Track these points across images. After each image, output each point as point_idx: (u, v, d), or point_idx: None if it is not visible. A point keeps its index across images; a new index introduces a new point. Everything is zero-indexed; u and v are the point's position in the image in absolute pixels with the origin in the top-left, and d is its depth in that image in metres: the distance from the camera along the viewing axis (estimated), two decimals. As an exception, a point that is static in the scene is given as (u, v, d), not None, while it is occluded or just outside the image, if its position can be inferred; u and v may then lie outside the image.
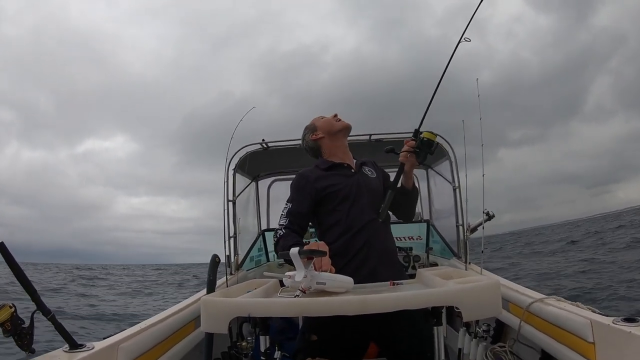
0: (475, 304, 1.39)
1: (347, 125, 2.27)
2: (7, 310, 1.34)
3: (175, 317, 2.25)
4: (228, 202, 3.65)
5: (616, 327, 1.48)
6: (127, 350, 1.73)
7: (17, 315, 1.36)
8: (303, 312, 1.42)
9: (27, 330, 1.39)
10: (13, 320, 1.35)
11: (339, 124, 2.26)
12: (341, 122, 2.26)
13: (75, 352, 1.54)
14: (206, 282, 2.49)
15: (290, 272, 1.60)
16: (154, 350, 1.96)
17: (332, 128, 2.25)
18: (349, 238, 2.03)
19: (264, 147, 4.01)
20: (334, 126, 2.25)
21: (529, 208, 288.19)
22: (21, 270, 1.40)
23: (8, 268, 1.40)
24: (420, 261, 4.42)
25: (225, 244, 3.35)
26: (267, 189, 5.02)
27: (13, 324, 1.35)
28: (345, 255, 2.01)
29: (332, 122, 2.26)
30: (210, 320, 1.49)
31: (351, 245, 2.02)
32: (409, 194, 2.22)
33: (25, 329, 1.38)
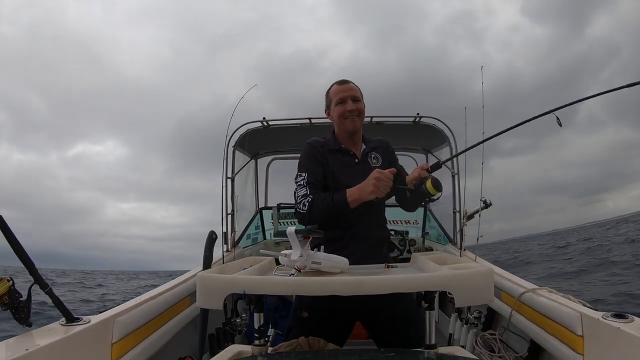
0: (468, 290, 1.40)
1: (353, 128, 2.14)
2: (4, 283, 1.34)
3: (171, 292, 2.27)
4: (227, 179, 3.65)
5: (606, 322, 1.50)
6: (122, 324, 1.75)
7: (14, 288, 1.36)
8: (297, 291, 1.43)
9: (24, 303, 1.39)
10: (10, 293, 1.35)
11: (347, 124, 2.13)
12: (350, 123, 2.12)
13: (71, 325, 1.56)
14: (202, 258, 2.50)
15: (286, 250, 1.61)
16: (150, 324, 1.99)
17: (340, 125, 2.16)
18: (343, 225, 2.02)
19: (264, 125, 3.99)
20: (342, 124, 2.14)
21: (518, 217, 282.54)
22: (19, 244, 1.40)
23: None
24: (415, 245, 4.45)
25: (223, 221, 3.36)
26: (266, 167, 5.02)
27: (10, 297, 1.35)
28: (339, 241, 2.01)
29: (341, 120, 2.14)
30: (206, 296, 1.50)
31: (344, 233, 2.03)
32: (411, 191, 2.04)
33: (22, 302, 1.39)
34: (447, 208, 4.01)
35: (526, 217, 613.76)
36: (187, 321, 2.41)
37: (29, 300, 1.41)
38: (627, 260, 13.72)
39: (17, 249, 1.40)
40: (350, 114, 2.10)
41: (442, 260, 1.84)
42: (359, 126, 2.16)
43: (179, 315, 2.30)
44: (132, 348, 1.81)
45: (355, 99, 2.13)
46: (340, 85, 2.16)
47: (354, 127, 2.13)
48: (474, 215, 3.22)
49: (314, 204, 1.94)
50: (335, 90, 2.16)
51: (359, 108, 2.13)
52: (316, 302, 1.77)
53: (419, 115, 3.87)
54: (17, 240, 1.40)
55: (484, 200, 3.04)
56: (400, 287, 1.45)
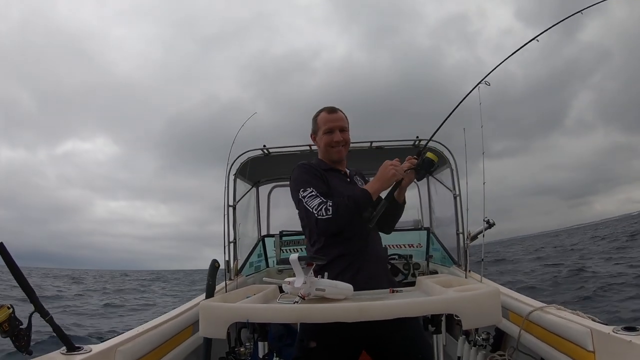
0: (475, 312, 1.39)
1: (338, 158, 2.23)
2: (4, 311, 1.33)
3: (174, 322, 2.25)
4: (228, 207, 3.65)
5: (616, 336, 1.47)
6: (124, 354, 1.72)
7: (14, 316, 1.36)
8: (302, 319, 1.42)
9: (24, 331, 1.38)
10: (11, 321, 1.34)
11: (333, 153, 2.21)
12: (336, 153, 2.21)
13: (72, 355, 1.54)
14: (205, 287, 2.48)
15: (289, 278, 1.60)
16: (152, 354, 1.96)
17: (325, 153, 2.23)
18: (345, 244, 2.02)
19: (265, 153, 4.01)
20: (328, 153, 2.22)
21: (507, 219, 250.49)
22: (20, 271, 1.40)
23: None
24: (420, 269, 4.41)
25: (225, 249, 3.35)
26: (267, 195, 5.03)
27: (11, 324, 1.34)
28: (343, 261, 2.00)
29: (327, 149, 2.21)
30: (209, 325, 1.49)
31: (347, 251, 2.02)
32: (398, 207, 2.23)
33: (22, 330, 1.38)
34: (449, 230, 4.00)
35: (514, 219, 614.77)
36: (189, 351, 2.37)
37: (29, 328, 1.40)
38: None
39: (18, 276, 1.40)
40: (337, 145, 2.17)
41: (448, 282, 1.82)
42: (344, 155, 2.25)
43: (181, 345, 2.27)
44: None
45: (342, 129, 2.20)
46: (329, 115, 2.21)
47: (340, 157, 2.22)
48: (478, 235, 3.20)
49: (339, 205, 1.95)
50: (324, 119, 2.21)
51: (346, 138, 2.21)
52: (322, 330, 1.75)
53: (419, 138, 3.89)
54: (18, 268, 1.39)
55: (487, 220, 3.02)
56: (406, 312, 1.43)
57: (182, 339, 2.30)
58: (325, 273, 1.63)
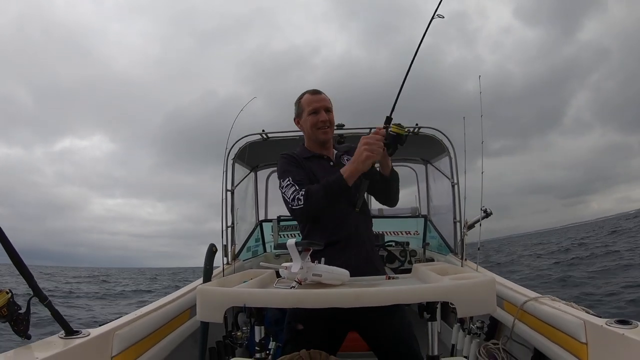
0: (470, 300, 1.39)
1: (325, 139, 2.17)
2: (3, 295, 1.34)
3: (171, 306, 2.26)
4: (226, 192, 3.65)
5: (609, 328, 1.49)
6: (122, 337, 1.74)
7: (13, 300, 1.36)
8: (298, 304, 1.42)
9: (23, 316, 1.39)
10: (9, 305, 1.34)
11: (319, 134, 2.15)
12: (321, 134, 2.16)
13: (71, 339, 1.55)
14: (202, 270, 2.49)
15: (286, 263, 1.60)
16: (150, 337, 1.97)
17: (311, 134, 2.18)
18: (332, 229, 2.01)
19: (263, 138, 4.00)
20: (314, 134, 2.16)
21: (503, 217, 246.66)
22: (19, 255, 1.40)
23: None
24: (416, 256, 4.43)
25: (223, 234, 3.36)
26: (265, 180, 5.03)
27: (9, 309, 1.34)
28: (331, 247, 1.97)
29: (314, 130, 2.15)
30: (206, 309, 1.49)
31: (335, 237, 2.01)
32: (388, 180, 2.13)
33: (21, 314, 1.38)
34: (447, 218, 4.01)
35: (511, 216, 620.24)
36: (187, 334, 2.39)
37: (28, 312, 1.40)
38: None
39: (16, 261, 1.40)
40: (323, 125, 2.13)
41: (444, 270, 1.82)
42: (331, 136, 2.20)
43: (179, 329, 2.29)
44: None
45: (327, 110, 2.15)
46: (313, 96, 2.17)
47: (326, 138, 2.17)
48: (475, 224, 3.22)
49: (310, 193, 1.92)
50: (308, 100, 2.17)
51: (331, 119, 2.17)
52: (310, 313, 1.75)
53: (418, 125, 3.88)
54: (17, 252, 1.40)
55: (484, 210, 3.03)
56: (402, 299, 1.44)
57: (180, 323, 2.32)
58: (322, 259, 1.62)
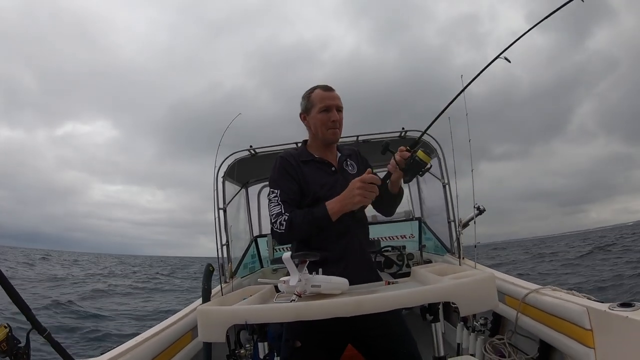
0: (472, 298, 1.39)
1: (333, 140, 2.07)
2: (2, 330, 1.32)
3: (172, 329, 2.24)
4: (219, 210, 3.63)
5: (613, 312, 1.49)
6: None
7: (12, 335, 1.34)
8: (300, 316, 1.40)
9: (23, 349, 1.37)
10: (9, 340, 1.32)
11: (329, 135, 2.05)
12: (331, 134, 2.05)
13: None
14: (201, 291, 2.48)
15: (284, 277, 1.59)
16: None
17: (319, 134, 2.07)
18: (324, 239, 1.96)
19: (252, 154, 4.00)
20: (322, 134, 2.06)
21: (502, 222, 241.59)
22: (14, 289, 1.38)
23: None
24: (414, 259, 4.44)
25: (218, 253, 3.34)
26: (257, 195, 5.02)
27: (9, 344, 1.32)
28: (329, 257, 1.92)
29: (322, 130, 2.05)
30: (208, 330, 1.48)
31: (331, 246, 1.96)
32: (393, 197, 2.10)
33: (21, 348, 1.36)
34: (441, 218, 4.02)
35: (510, 222, 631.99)
36: (191, 356, 2.37)
37: (27, 346, 1.38)
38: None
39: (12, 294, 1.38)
40: (334, 125, 2.03)
41: (443, 271, 1.82)
42: (337, 139, 2.09)
43: (182, 351, 2.27)
44: None
45: (339, 109, 2.05)
46: (326, 92, 2.05)
47: (335, 139, 2.07)
48: (469, 222, 3.23)
49: (293, 222, 1.87)
50: (319, 96, 2.05)
51: (341, 120, 2.07)
52: (306, 328, 1.73)
53: (404, 130, 3.90)
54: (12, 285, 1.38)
55: (477, 207, 3.05)
56: (403, 302, 1.43)
57: (182, 345, 2.29)
58: (320, 269, 1.61)
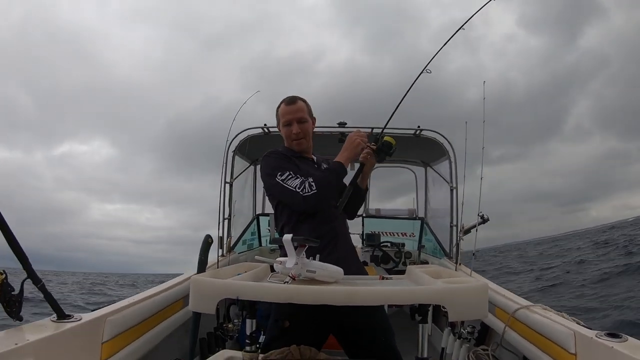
0: (462, 304, 1.39)
1: (300, 150, 2.22)
2: None
3: (164, 294, 2.26)
4: (225, 184, 3.65)
5: (599, 340, 1.49)
6: (114, 323, 1.74)
7: (7, 282, 1.35)
8: (291, 299, 1.41)
9: (16, 297, 1.38)
10: (3, 286, 1.34)
11: (294, 146, 2.22)
12: (296, 145, 2.21)
13: (62, 322, 1.55)
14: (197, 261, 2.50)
15: (281, 258, 1.60)
16: (141, 325, 1.97)
17: (288, 145, 2.24)
18: (316, 227, 2.03)
19: (265, 132, 3.99)
20: (289, 145, 2.23)
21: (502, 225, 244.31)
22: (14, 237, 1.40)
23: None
24: (411, 258, 4.44)
25: (219, 225, 3.36)
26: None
27: (2, 290, 1.34)
28: (322, 245, 1.99)
29: (289, 142, 2.22)
30: (199, 300, 1.49)
31: (319, 234, 2.00)
32: (360, 192, 2.28)
33: (14, 296, 1.38)
34: (444, 222, 4.01)
35: (510, 224, 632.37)
36: (179, 324, 2.39)
37: (21, 294, 1.40)
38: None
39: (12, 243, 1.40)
40: (296, 137, 2.18)
41: (437, 273, 1.83)
42: (305, 147, 2.23)
43: (171, 318, 2.29)
44: (122, 348, 1.80)
45: (300, 121, 2.18)
46: (287, 107, 2.18)
47: (300, 149, 2.22)
48: (471, 230, 3.22)
49: (319, 179, 1.99)
50: (282, 111, 2.20)
51: (304, 130, 2.18)
52: (296, 312, 1.76)
53: (420, 128, 3.87)
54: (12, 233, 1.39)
55: (481, 215, 3.03)
56: (395, 299, 1.44)
57: (172, 312, 2.32)
58: (317, 255, 1.63)
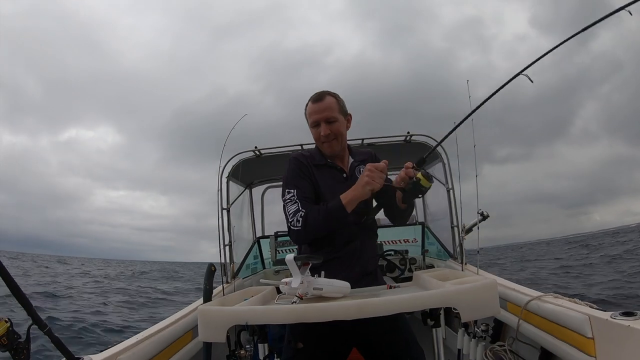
0: (473, 304, 1.39)
1: (332, 152, 2.08)
2: (2, 324, 1.32)
3: (173, 327, 2.24)
4: (222, 210, 3.64)
5: (615, 321, 1.49)
6: None
7: (13, 329, 1.34)
8: (301, 319, 1.40)
9: (23, 344, 1.36)
10: (9, 334, 1.32)
11: (324, 149, 2.07)
12: (326, 147, 2.06)
13: None
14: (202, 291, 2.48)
15: (286, 278, 1.59)
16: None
17: (320, 147, 2.09)
18: (336, 244, 1.96)
19: (256, 155, 4.00)
20: (320, 147, 2.09)
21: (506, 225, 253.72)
22: (16, 283, 1.39)
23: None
24: (416, 264, 4.42)
25: (221, 253, 3.34)
26: (261, 196, 5.02)
27: (9, 338, 1.32)
28: (332, 259, 1.93)
29: (319, 144, 2.08)
30: (208, 330, 1.48)
31: (336, 250, 1.96)
32: (402, 211, 2.06)
33: (21, 343, 1.36)
34: (444, 223, 4.01)
35: (514, 225, 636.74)
36: (190, 356, 2.37)
37: (28, 341, 1.38)
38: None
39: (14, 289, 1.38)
40: (326, 139, 2.02)
41: (445, 276, 1.82)
42: (337, 149, 2.07)
43: (182, 350, 2.27)
44: None
45: (329, 121, 2.00)
46: (314, 105, 2.02)
47: (332, 151, 2.06)
48: (472, 228, 3.22)
49: (309, 217, 1.85)
50: (309, 111, 2.04)
51: (334, 131, 2.02)
52: (309, 331, 1.73)
53: (410, 133, 3.90)
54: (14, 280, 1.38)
55: (481, 212, 3.03)
56: (405, 307, 1.43)
57: (183, 344, 2.30)
58: (322, 272, 1.61)
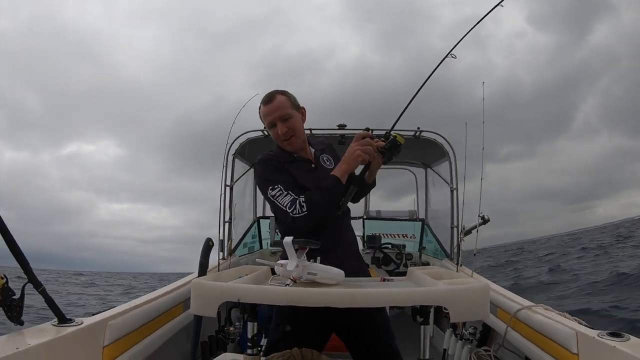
0: (464, 305, 1.39)
1: (294, 149, 2.10)
2: None
3: (165, 298, 2.26)
4: (225, 187, 3.65)
5: (601, 340, 1.49)
6: (115, 327, 1.74)
7: (7, 286, 1.35)
8: (293, 301, 1.41)
9: (17, 302, 1.38)
10: (3, 291, 1.34)
11: (285, 146, 2.08)
12: (287, 145, 2.07)
13: (63, 327, 1.55)
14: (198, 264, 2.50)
15: (282, 260, 1.60)
16: (143, 328, 1.98)
17: (282, 145, 2.10)
18: (319, 232, 1.89)
19: (265, 135, 4.00)
20: (282, 145, 2.09)
21: (510, 224, 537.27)
22: (14, 241, 1.40)
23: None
24: (412, 259, 4.44)
25: (220, 229, 3.36)
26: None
27: (3, 294, 1.34)
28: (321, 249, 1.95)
29: (280, 142, 2.09)
30: (200, 303, 1.49)
31: (323, 240, 1.96)
32: (368, 187, 2.15)
33: (15, 300, 1.37)
34: (444, 223, 4.01)
35: (518, 223, 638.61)
36: (180, 327, 2.39)
37: (21, 298, 1.39)
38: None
39: (13, 247, 1.40)
40: (285, 137, 2.03)
41: (439, 275, 1.83)
42: (298, 145, 2.09)
43: (172, 321, 2.29)
44: (124, 352, 1.80)
45: (284, 118, 2.01)
46: (266, 106, 2.03)
47: (293, 148, 2.08)
48: (472, 231, 3.22)
49: (311, 200, 1.87)
50: (263, 113, 2.05)
51: (291, 127, 2.03)
52: (297, 314, 1.75)
53: (420, 129, 3.87)
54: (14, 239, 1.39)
55: (482, 216, 3.03)
56: (396, 301, 1.43)
57: (173, 316, 2.32)
58: (318, 257, 1.62)
